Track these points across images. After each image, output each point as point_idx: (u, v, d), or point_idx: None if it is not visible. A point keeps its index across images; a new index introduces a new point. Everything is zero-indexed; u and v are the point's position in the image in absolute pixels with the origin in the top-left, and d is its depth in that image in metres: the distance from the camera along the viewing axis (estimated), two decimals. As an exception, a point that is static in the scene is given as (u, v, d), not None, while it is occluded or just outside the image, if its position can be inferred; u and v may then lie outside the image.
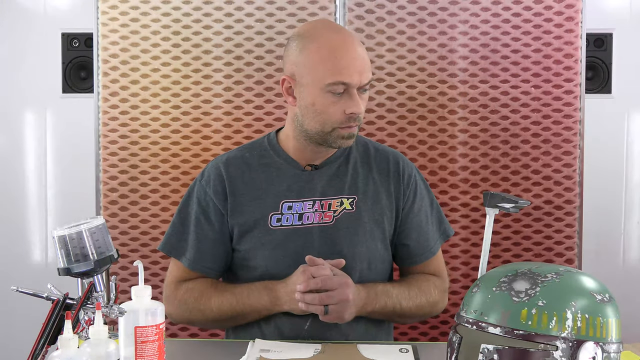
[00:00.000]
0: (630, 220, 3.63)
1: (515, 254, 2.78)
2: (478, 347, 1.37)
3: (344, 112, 2.00)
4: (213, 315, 2.10)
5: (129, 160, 2.77)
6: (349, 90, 1.99)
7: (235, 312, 2.08)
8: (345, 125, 2.02)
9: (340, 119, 2.01)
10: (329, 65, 2.00)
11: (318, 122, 2.04)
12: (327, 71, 1.99)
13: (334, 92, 1.99)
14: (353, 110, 1.99)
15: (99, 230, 1.50)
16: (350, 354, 1.84)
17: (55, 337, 1.44)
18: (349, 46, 2.02)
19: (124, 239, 2.78)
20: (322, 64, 2.00)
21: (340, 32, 2.09)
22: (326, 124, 2.03)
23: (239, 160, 2.18)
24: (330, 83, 1.98)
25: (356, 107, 2.00)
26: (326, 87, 1.99)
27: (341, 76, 1.98)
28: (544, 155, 2.76)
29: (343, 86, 1.99)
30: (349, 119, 2.01)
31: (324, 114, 2.02)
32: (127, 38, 2.76)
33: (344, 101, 2.00)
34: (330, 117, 2.02)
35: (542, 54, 2.75)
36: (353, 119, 2.01)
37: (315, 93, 2.02)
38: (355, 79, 1.99)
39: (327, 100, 2.01)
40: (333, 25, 2.17)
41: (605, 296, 1.39)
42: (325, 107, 2.02)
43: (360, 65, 2.00)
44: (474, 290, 1.44)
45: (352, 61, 2.00)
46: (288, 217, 2.09)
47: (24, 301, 1.69)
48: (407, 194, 2.17)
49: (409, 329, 2.78)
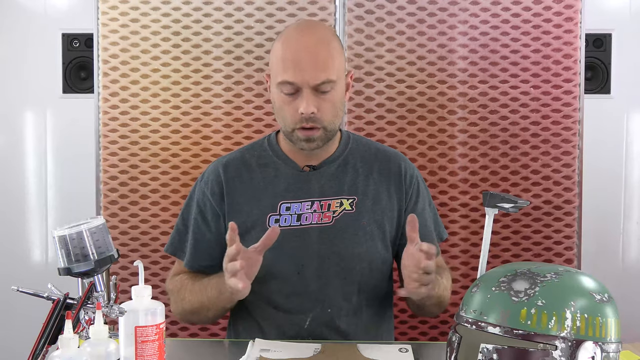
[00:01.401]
0: (630, 220, 3.63)
1: (514, 253, 2.79)
2: (477, 347, 1.37)
3: (297, 112, 1.99)
4: (189, 307, 2.10)
5: (129, 160, 2.78)
6: (302, 90, 1.98)
7: (201, 304, 2.07)
8: (299, 127, 2.01)
9: (295, 119, 2.00)
10: (280, 64, 2.00)
11: (280, 121, 2.07)
12: (279, 70, 2.00)
13: (285, 92, 1.99)
14: (301, 109, 1.97)
15: (99, 230, 1.50)
16: (350, 353, 1.84)
17: (56, 336, 1.44)
18: (302, 45, 2.00)
19: (124, 238, 2.78)
20: (276, 63, 2.02)
21: (304, 30, 2.07)
22: (286, 124, 2.04)
23: (238, 161, 2.19)
24: (279, 82, 2.00)
25: (303, 107, 1.97)
26: (278, 86, 2.01)
27: (287, 75, 1.98)
28: (543, 155, 2.76)
29: (291, 86, 1.98)
30: (301, 120, 1.99)
31: (281, 113, 2.04)
32: (127, 38, 2.77)
33: (298, 101, 1.99)
34: (287, 117, 2.02)
35: (542, 54, 2.76)
36: (306, 120, 1.99)
37: (275, 91, 2.04)
38: (300, 78, 1.97)
39: (283, 99, 2.02)
40: (305, 23, 2.18)
41: (605, 296, 1.39)
42: (281, 106, 2.03)
43: (310, 64, 1.97)
44: (473, 290, 1.45)
45: (301, 61, 1.97)
46: (286, 218, 2.08)
47: (24, 301, 1.69)
48: (409, 194, 2.17)
49: (409, 328, 2.79)
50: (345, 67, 2.10)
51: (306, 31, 2.06)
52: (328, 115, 2.02)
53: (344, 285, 2.08)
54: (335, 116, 2.05)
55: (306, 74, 1.97)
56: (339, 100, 2.05)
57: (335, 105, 2.03)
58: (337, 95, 2.03)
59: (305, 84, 1.97)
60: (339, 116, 2.07)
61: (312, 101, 1.97)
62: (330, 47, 2.02)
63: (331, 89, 2.00)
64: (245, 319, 2.15)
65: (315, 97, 1.98)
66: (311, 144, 2.04)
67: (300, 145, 2.05)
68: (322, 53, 2.00)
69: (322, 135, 2.04)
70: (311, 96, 1.98)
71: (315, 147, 2.06)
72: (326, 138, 2.06)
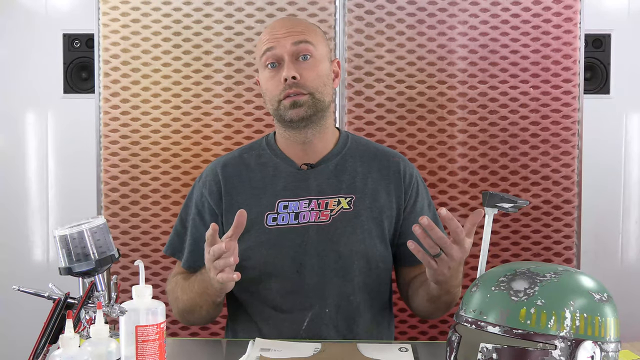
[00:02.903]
0: (629, 219, 3.63)
1: (514, 253, 2.79)
2: (477, 346, 1.37)
3: (281, 83, 2.04)
4: (182, 306, 2.11)
5: (130, 160, 2.79)
6: (283, 60, 2.06)
7: (193, 302, 2.07)
8: (284, 95, 2.05)
9: (280, 89, 2.05)
10: (262, 42, 2.11)
11: (269, 102, 2.11)
12: (259, 47, 2.11)
13: (269, 65, 2.07)
14: (284, 75, 2.03)
15: (100, 230, 1.51)
16: (349, 352, 1.85)
17: (57, 336, 1.44)
18: (277, 22, 2.15)
19: (125, 238, 2.79)
20: (259, 45, 2.13)
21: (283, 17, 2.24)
22: (273, 99, 2.08)
23: (237, 160, 2.20)
24: (261, 55, 2.09)
25: (285, 72, 2.03)
26: (262, 62, 2.09)
27: (266, 44, 2.07)
28: (542, 155, 2.77)
29: (272, 55, 2.07)
30: (285, 87, 2.04)
31: (268, 90, 2.09)
32: (128, 39, 2.77)
33: (280, 72, 2.06)
34: (272, 91, 2.07)
35: (541, 55, 2.76)
36: (289, 86, 2.04)
37: (261, 74, 2.13)
38: (276, 43, 2.06)
39: (267, 75, 2.09)
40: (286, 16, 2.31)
41: (604, 295, 1.39)
42: (267, 83, 2.09)
43: (285, 31, 2.07)
44: (473, 289, 1.45)
45: (277, 31, 2.08)
46: (284, 217, 2.09)
47: (25, 300, 1.69)
48: (409, 194, 2.17)
49: (409, 328, 2.79)
50: (328, 52, 2.16)
51: (284, 17, 2.25)
52: (312, 82, 2.07)
53: (343, 283, 2.08)
54: (322, 85, 2.09)
55: (284, 39, 2.06)
56: (322, 71, 2.10)
57: (319, 74, 2.08)
58: (319, 65, 2.10)
59: (284, 49, 2.05)
60: (326, 88, 2.10)
61: (292, 67, 2.04)
62: (306, 23, 2.15)
63: (311, 56, 2.08)
64: (243, 320, 2.16)
65: (296, 64, 2.06)
66: (299, 110, 2.06)
67: (288, 114, 2.07)
68: (297, 25, 2.11)
69: (308, 101, 2.06)
70: (291, 63, 2.05)
71: (304, 114, 2.07)
72: (314, 107, 2.07)
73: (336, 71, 2.18)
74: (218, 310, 2.13)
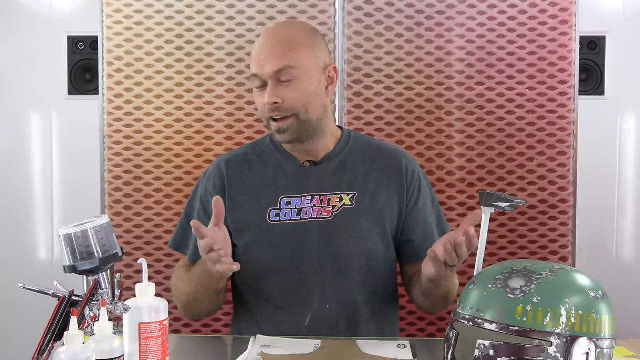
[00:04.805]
0: (623, 218, 3.62)
1: (510, 252, 2.79)
2: (474, 343, 1.38)
3: (265, 105, 2.03)
4: (185, 298, 2.13)
5: (133, 160, 2.80)
6: (267, 83, 2.02)
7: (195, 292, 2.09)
8: (269, 117, 2.05)
9: (265, 111, 2.05)
10: (251, 61, 2.08)
11: (261, 117, 2.10)
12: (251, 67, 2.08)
13: (255, 86, 2.05)
14: (265, 100, 2.01)
15: (104, 229, 1.52)
16: (349, 349, 1.85)
17: (61, 333, 1.44)
18: (263, 39, 2.07)
19: (129, 237, 2.80)
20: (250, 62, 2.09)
21: (272, 29, 2.13)
22: (262, 117, 2.09)
23: (240, 157, 2.20)
24: (250, 77, 2.07)
25: (266, 98, 2.01)
26: (251, 80, 2.07)
27: (253, 68, 2.05)
28: (538, 155, 2.78)
29: (257, 79, 2.04)
30: (269, 110, 2.03)
31: (258, 107, 2.09)
32: (132, 41, 2.78)
33: (264, 93, 2.03)
34: (261, 110, 2.07)
35: (537, 57, 2.76)
36: (271, 110, 2.02)
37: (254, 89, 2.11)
38: (259, 69, 2.02)
39: (255, 94, 2.08)
40: (277, 24, 2.25)
41: (599, 293, 1.40)
42: (256, 100, 2.09)
43: (266, 55, 2.03)
44: (470, 287, 1.46)
45: (259, 54, 2.04)
46: (287, 213, 2.09)
47: (30, 298, 1.69)
48: (411, 191, 2.17)
49: (407, 325, 2.80)
50: (319, 61, 2.09)
51: (274, 29, 2.13)
52: (296, 104, 2.03)
53: (343, 281, 2.09)
54: (309, 105, 2.05)
55: (266, 65, 2.01)
56: (307, 90, 2.04)
57: (304, 94, 2.04)
58: (302, 85, 2.03)
59: (266, 74, 2.01)
60: (313, 106, 2.06)
61: (273, 92, 2.01)
62: (292, 38, 2.06)
63: (294, 79, 2.02)
64: (246, 318, 2.17)
65: (278, 88, 2.02)
66: (284, 135, 2.06)
67: (277, 137, 2.09)
68: (281, 44, 2.04)
69: (294, 124, 2.04)
70: (273, 88, 2.01)
71: (290, 139, 2.07)
72: (300, 129, 2.06)
73: (331, 77, 2.12)
74: (221, 299, 2.13)
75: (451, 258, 1.81)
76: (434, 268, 1.86)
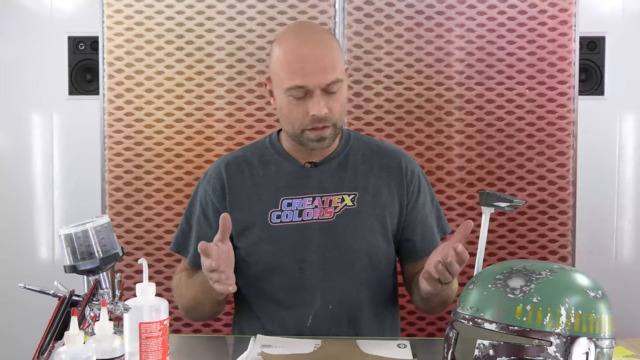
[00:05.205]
0: (623, 218, 3.62)
1: (510, 251, 2.80)
2: (474, 343, 1.38)
3: (307, 114, 2.00)
4: (186, 303, 2.14)
5: (134, 160, 2.80)
6: (311, 92, 1.99)
7: (196, 299, 2.10)
8: (310, 127, 2.03)
9: (306, 121, 2.02)
10: (286, 69, 2.00)
11: (288, 125, 2.07)
12: (285, 76, 2.00)
13: (295, 96, 2.00)
14: (313, 112, 1.98)
15: (104, 229, 1.53)
16: (349, 349, 1.86)
17: (62, 333, 1.44)
18: (305, 49, 2.01)
19: (129, 237, 2.81)
20: (282, 69, 2.02)
21: (303, 34, 2.07)
22: (294, 126, 2.05)
23: (240, 159, 2.20)
24: (288, 88, 2.00)
25: (316, 109, 1.98)
26: (286, 91, 2.01)
27: (296, 80, 1.98)
28: (538, 155, 2.78)
29: (301, 89, 1.99)
30: (312, 121, 2.01)
31: (290, 117, 2.04)
32: (132, 41, 2.79)
33: (307, 103, 2.00)
34: (296, 120, 2.03)
35: (537, 57, 2.77)
36: (317, 120, 2.00)
37: (281, 97, 2.04)
38: (311, 81, 1.97)
39: (291, 103, 2.02)
40: (303, 27, 2.16)
41: (599, 293, 1.40)
42: (289, 110, 2.03)
43: (316, 66, 1.98)
44: (470, 287, 1.46)
45: (307, 64, 1.98)
46: (288, 214, 2.09)
47: (31, 298, 1.70)
48: (411, 190, 2.17)
49: (407, 325, 2.80)
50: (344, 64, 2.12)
51: (306, 34, 2.08)
52: (337, 114, 2.04)
53: (345, 280, 2.09)
54: (343, 112, 2.09)
55: (316, 77, 1.97)
56: (345, 98, 2.09)
57: (342, 102, 2.06)
58: (343, 93, 2.06)
59: (317, 86, 1.98)
60: (344, 111, 2.11)
61: (323, 102, 1.99)
62: (332, 47, 2.04)
63: (339, 89, 2.02)
64: (248, 317, 2.16)
65: (325, 98, 2.00)
66: (322, 143, 2.06)
67: (312, 145, 2.06)
68: (327, 54, 2.01)
69: (332, 132, 2.05)
70: (322, 98, 1.99)
71: (327, 146, 2.09)
72: (335, 135, 2.08)
73: None
74: (221, 307, 2.15)
75: (444, 277, 1.82)
76: (429, 286, 1.88)
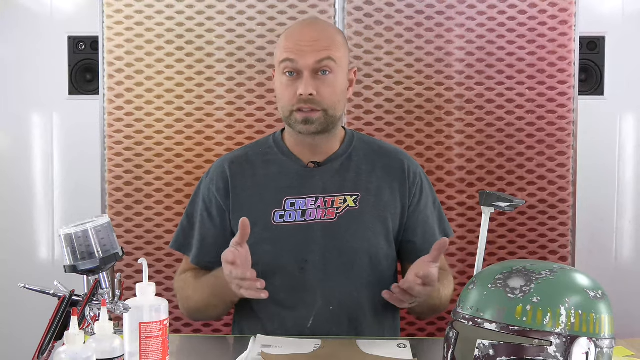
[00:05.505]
0: (623, 218, 3.62)
1: (510, 251, 2.80)
2: (474, 343, 1.37)
3: (296, 95, 2.03)
4: (194, 305, 2.14)
5: (134, 160, 2.80)
6: (301, 73, 2.03)
7: (206, 302, 2.10)
8: (297, 108, 2.05)
9: (293, 101, 2.05)
10: (282, 44, 2.08)
11: (281, 107, 2.10)
12: (280, 51, 2.07)
13: (287, 74, 2.04)
14: (300, 91, 2.01)
15: (104, 229, 1.52)
16: (349, 349, 1.86)
17: (62, 332, 1.44)
18: (302, 28, 2.09)
19: (129, 237, 2.81)
20: (280, 45, 2.09)
21: (309, 20, 2.16)
22: (285, 107, 2.08)
23: (243, 158, 2.20)
24: (280, 61, 2.06)
25: (302, 88, 2.01)
26: (280, 67, 2.05)
27: (288, 53, 2.03)
28: (538, 155, 2.78)
29: (292, 64, 2.03)
30: (299, 101, 2.03)
31: (282, 97, 2.08)
32: (132, 41, 2.79)
33: (297, 83, 2.03)
34: (286, 100, 2.06)
35: (537, 57, 2.77)
36: (304, 101, 2.03)
37: (277, 77, 2.10)
38: (298, 56, 2.02)
39: (283, 82, 2.06)
40: (311, 17, 2.25)
41: (599, 293, 1.39)
42: (282, 89, 2.07)
43: (309, 44, 2.03)
44: (470, 287, 1.45)
45: (301, 40, 2.04)
46: (291, 214, 2.09)
47: (31, 298, 1.70)
48: (413, 191, 2.17)
49: (407, 324, 2.80)
50: (348, 61, 2.13)
51: (310, 21, 2.15)
52: (328, 99, 2.05)
53: (346, 281, 2.09)
54: (337, 102, 2.08)
55: (308, 54, 2.02)
56: (339, 87, 2.08)
57: (335, 90, 2.06)
58: (337, 81, 2.07)
59: (305, 64, 2.02)
60: (340, 104, 2.10)
61: (310, 83, 2.02)
62: (331, 33, 2.09)
63: (331, 72, 2.05)
64: (249, 317, 2.16)
65: (315, 79, 2.03)
66: (309, 127, 2.06)
67: (299, 128, 2.07)
68: (323, 38, 2.05)
69: (321, 118, 2.06)
70: (310, 79, 2.02)
71: (314, 131, 2.08)
72: (326, 123, 2.07)
73: (352, 80, 2.17)
74: (232, 306, 2.16)
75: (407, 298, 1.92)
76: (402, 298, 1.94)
